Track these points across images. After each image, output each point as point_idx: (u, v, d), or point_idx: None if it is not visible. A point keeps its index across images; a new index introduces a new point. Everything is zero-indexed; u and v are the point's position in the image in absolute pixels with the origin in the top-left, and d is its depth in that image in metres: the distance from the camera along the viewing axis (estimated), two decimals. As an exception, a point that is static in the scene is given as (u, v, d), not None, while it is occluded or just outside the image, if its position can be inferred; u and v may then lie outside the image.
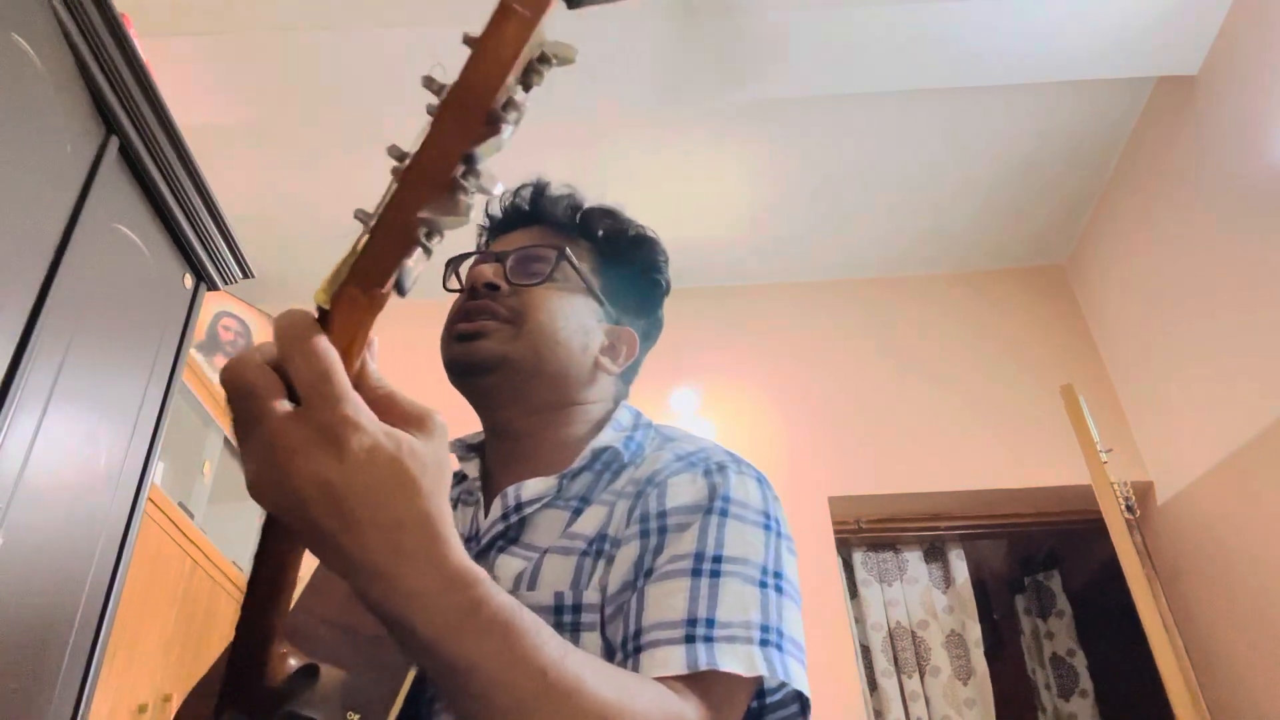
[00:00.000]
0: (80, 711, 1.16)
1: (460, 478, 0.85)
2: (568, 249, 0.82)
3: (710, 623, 0.59)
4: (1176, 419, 2.50)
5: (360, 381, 0.41)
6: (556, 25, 0.35)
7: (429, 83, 0.36)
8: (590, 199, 0.89)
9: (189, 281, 1.53)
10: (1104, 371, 2.85)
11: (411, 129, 0.38)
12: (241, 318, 2.57)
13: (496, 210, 0.89)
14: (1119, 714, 2.87)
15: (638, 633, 0.60)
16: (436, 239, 0.38)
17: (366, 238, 0.38)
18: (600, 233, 0.86)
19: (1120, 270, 2.75)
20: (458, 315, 0.79)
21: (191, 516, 2.08)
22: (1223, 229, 2.23)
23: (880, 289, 3.10)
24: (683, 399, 2.78)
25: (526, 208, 0.87)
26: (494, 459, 0.82)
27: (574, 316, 0.80)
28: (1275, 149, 2.02)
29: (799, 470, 2.68)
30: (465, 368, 0.77)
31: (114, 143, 1.28)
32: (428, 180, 0.36)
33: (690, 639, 0.58)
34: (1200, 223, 2.33)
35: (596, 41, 2.11)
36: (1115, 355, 2.82)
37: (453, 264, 0.88)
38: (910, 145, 2.63)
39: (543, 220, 0.86)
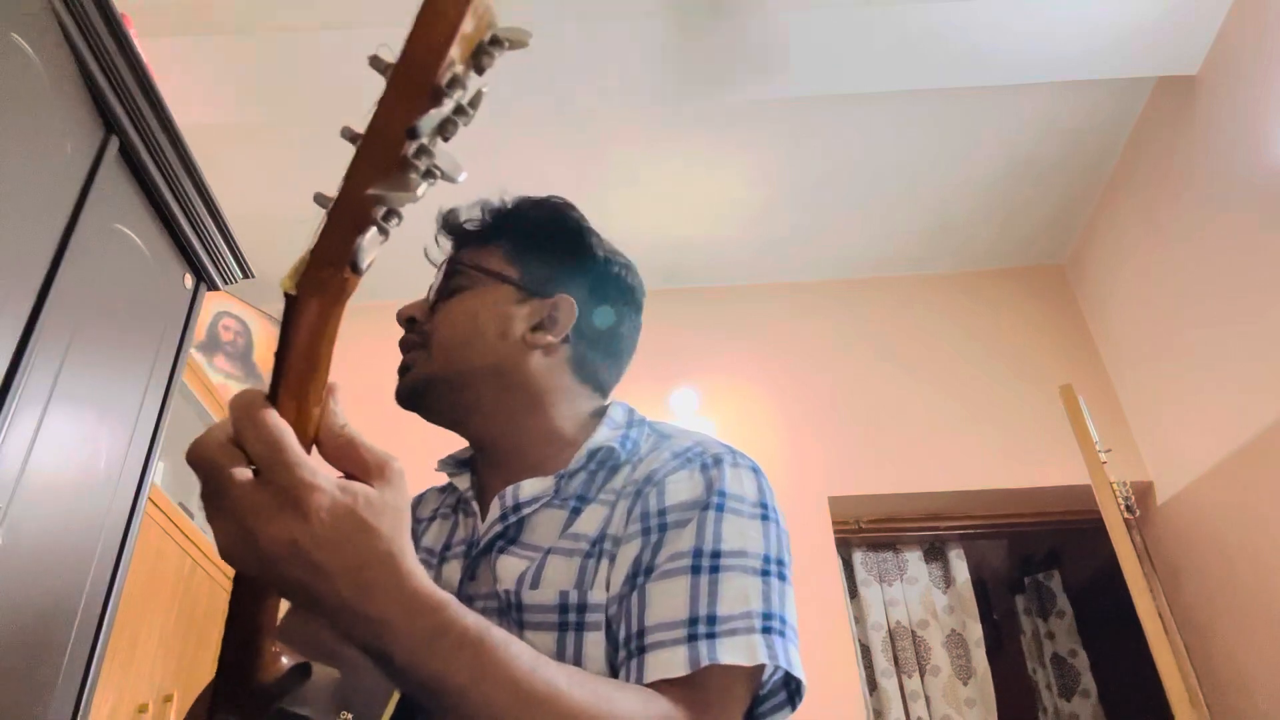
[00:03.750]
0: (80, 711, 1.16)
1: (452, 490, 0.85)
2: (460, 255, 0.83)
3: (712, 619, 0.60)
4: (1176, 419, 2.50)
5: (323, 426, 0.44)
6: (553, 26, 0.35)
7: (375, 62, 0.36)
8: (502, 198, 0.88)
9: (189, 281, 1.53)
10: (1104, 371, 2.85)
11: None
12: (241, 318, 2.57)
13: (435, 255, 0.89)
14: (1120, 714, 2.87)
15: (640, 633, 0.61)
16: (394, 220, 0.38)
17: (325, 220, 0.38)
18: (511, 226, 0.85)
19: (1120, 270, 2.75)
20: None
21: (191, 516, 2.08)
22: (1223, 229, 2.23)
23: (880, 289, 3.11)
24: (683, 399, 2.78)
25: (449, 241, 0.88)
26: (483, 468, 0.83)
27: (481, 311, 0.80)
28: (1275, 149, 2.02)
29: (799, 470, 2.68)
30: (404, 399, 0.80)
31: (114, 143, 1.28)
32: (377, 157, 0.37)
33: (693, 638, 0.59)
34: (1200, 222, 2.33)
35: (598, 42, 2.11)
36: (1115, 355, 2.82)
37: None
38: (910, 145, 2.63)
39: (465, 243, 0.86)
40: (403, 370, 0.80)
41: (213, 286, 1.60)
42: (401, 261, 1.01)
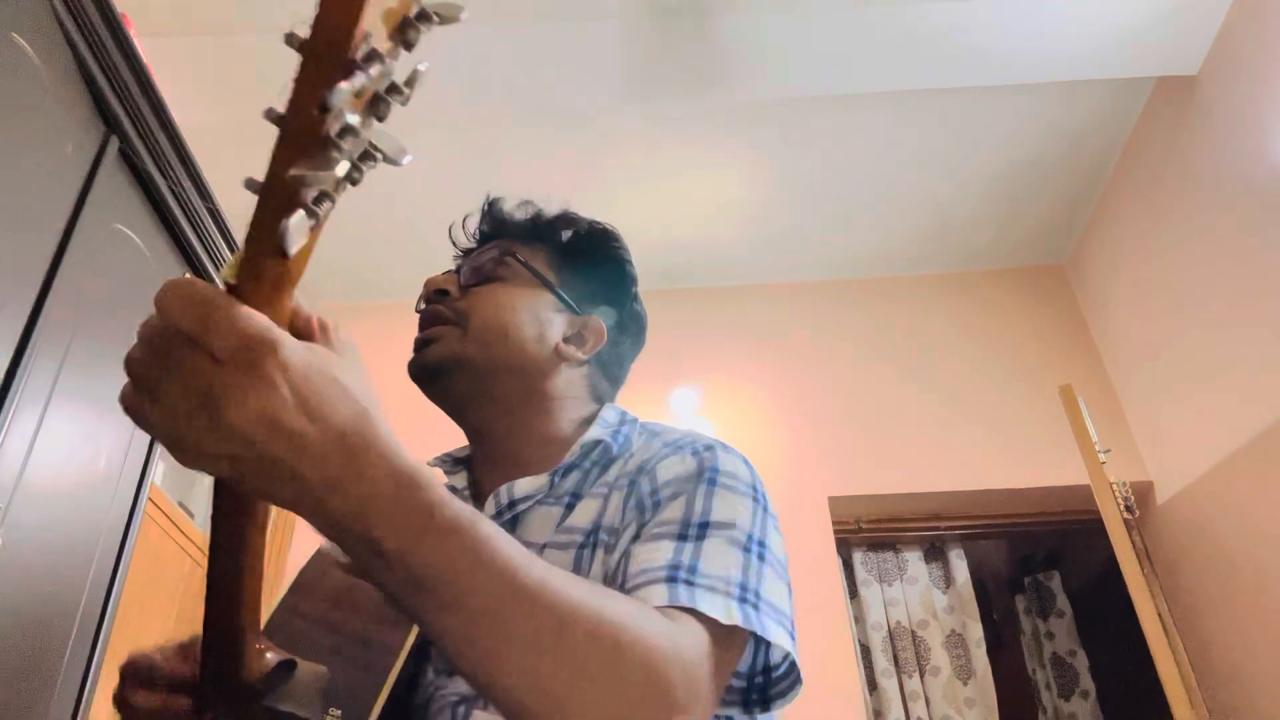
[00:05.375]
0: (80, 711, 1.16)
1: (449, 490, 0.85)
2: (511, 246, 0.84)
3: (693, 569, 0.59)
4: (1176, 419, 2.50)
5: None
6: (551, 27, 0.34)
7: (290, 39, 0.34)
8: (550, 206, 0.89)
9: (189, 281, 1.53)
10: (1104, 372, 2.85)
11: (412, 128, 0.37)
12: (241, 318, 2.56)
13: (461, 238, 0.90)
14: (1120, 714, 2.86)
15: (622, 585, 0.61)
16: (326, 203, 0.36)
17: (255, 206, 0.37)
18: (558, 234, 0.87)
19: (1120, 270, 2.75)
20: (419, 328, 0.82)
21: (192, 516, 2.08)
22: (1223, 228, 2.23)
23: (880, 289, 3.10)
24: (682, 399, 2.79)
25: (486, 227, 0.89)
26: (479, 465, 0.83)
27: (523, 308, 0.81)
28: (1275, 149, 2.02)
29: (799, 470, 2.68)
30: (421, 373, 0.79)
31: (114, 143, 1.28)
32: (296, 137, 0.35)
33: (672, 580, 0.58)
34: (1200, 222, 2.33)
35: (599, 41, 2.11)
36: (1115, 356, 2.82)
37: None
38: (910, 145, 2.63)
39: (503, 234, 0.87)
40: (424, 343, 0.79)
41: (213, 286, 1.60)
42: (402, 261, 1.01)
